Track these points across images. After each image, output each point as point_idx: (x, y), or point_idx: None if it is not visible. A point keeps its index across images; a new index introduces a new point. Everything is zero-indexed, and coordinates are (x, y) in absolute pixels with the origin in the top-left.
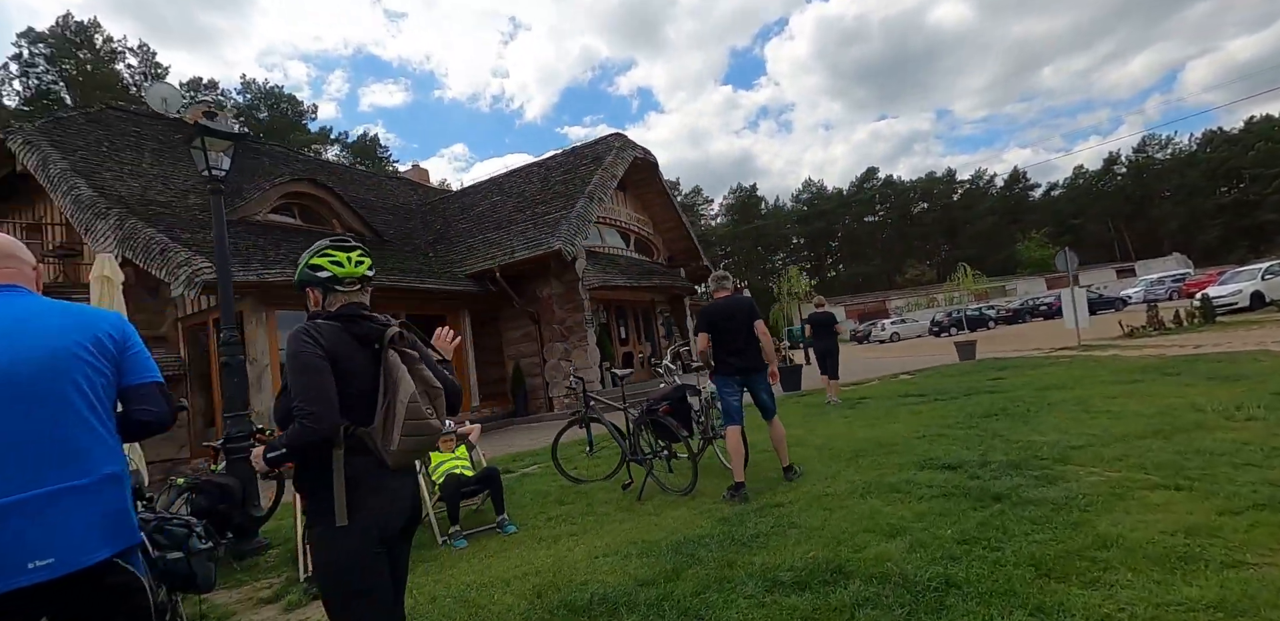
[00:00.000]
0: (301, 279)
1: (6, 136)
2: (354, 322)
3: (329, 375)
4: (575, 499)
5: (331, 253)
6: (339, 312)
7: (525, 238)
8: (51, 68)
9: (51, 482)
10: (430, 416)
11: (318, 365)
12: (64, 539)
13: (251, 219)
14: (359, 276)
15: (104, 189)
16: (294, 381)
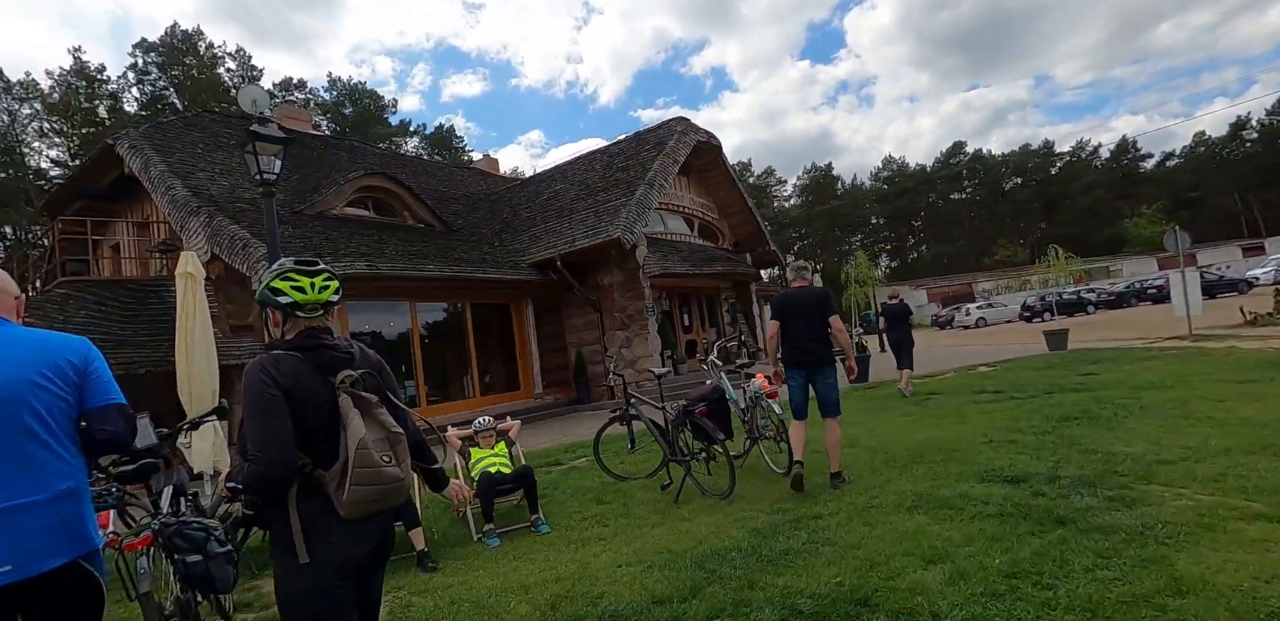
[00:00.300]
0: (261, 299)
1: (115, 141)
2: (315, 352)
3: (284, 416)
4: (614, 497)
5: (294, 276)
6: (298, 342)
7: (586, 226)
8: (163, 75)
9: (4, 500)
10: (386, 464)
11: (272, 406)
12: (20, 548)
13: (329, 213)
14: (322, 302)
15: (197, 188)
16: (248, 422)
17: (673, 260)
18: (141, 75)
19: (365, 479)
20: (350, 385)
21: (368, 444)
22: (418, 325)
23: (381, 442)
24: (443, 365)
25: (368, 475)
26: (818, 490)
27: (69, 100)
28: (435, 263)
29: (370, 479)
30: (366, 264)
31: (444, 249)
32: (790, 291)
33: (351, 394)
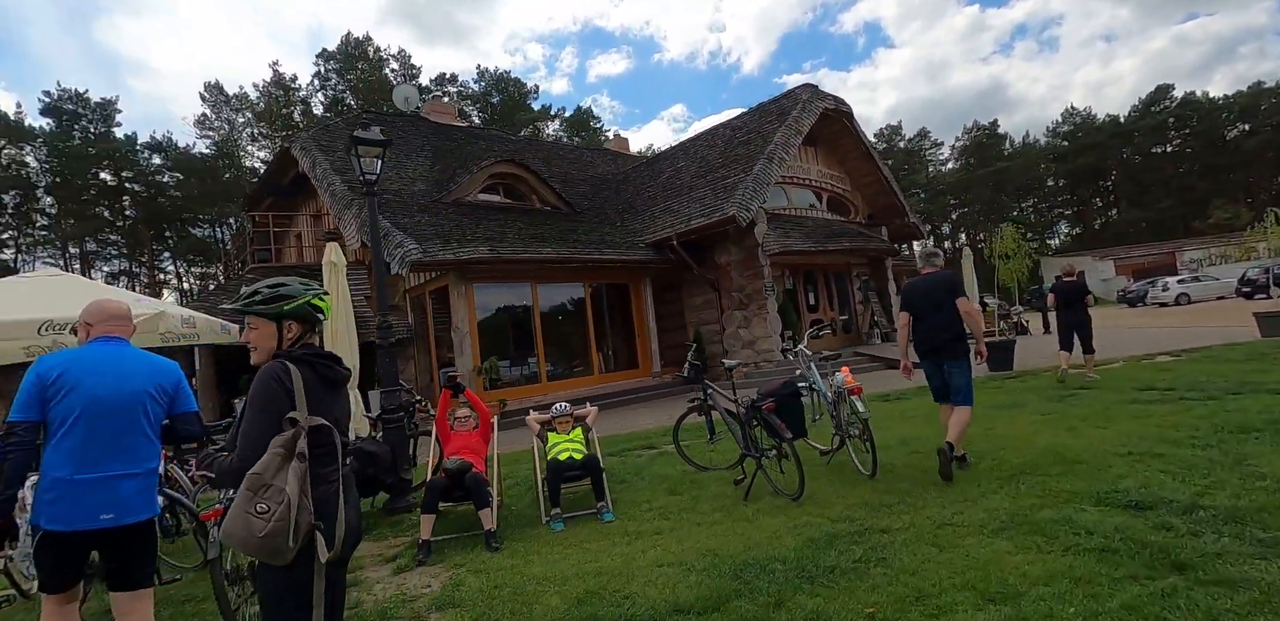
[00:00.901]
0: (298, 313)
1: (290, 144)
2: (328, 367)
3: (275, 427)
4: (688, 489)
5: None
6: (311, 354)
7: (703, 204)
8: (340, 79)
9: (118, 470)
10: (256, 515)
11: (267, 418)
12: (121, 504)
13: (464, 200)
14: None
15: (352, 183)
16: (248, 419)
17: (795, 237)
18: (324, 81)
19: (232, 522)
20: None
21: (254, 483)
22: (538, 305)
23: (258, 490)
24: (563, 343)
25: (235, 519)
26: (903, 496)
27: (271, 108)
28: (554, 245)
29: (238, 526)
30: (489, 248)
31: (565, 230)
32: (918, 280)
33: (295, 432)
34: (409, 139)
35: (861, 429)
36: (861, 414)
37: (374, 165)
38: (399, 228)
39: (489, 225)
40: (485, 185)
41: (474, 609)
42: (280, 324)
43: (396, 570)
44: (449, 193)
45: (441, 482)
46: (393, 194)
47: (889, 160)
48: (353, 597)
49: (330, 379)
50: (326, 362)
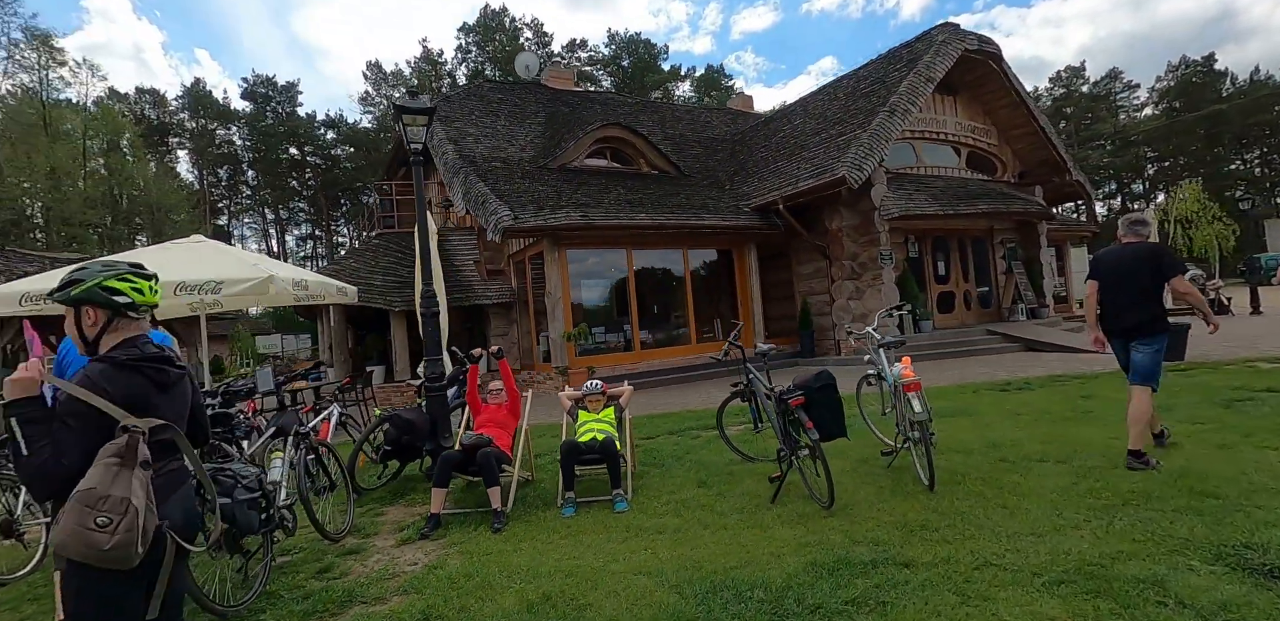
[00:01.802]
0: (90, 298)
1: None
2: (157, 370)
3: (82, 435)
4: (720, 481)
5: (133, 279)
6: (137, 359)
7: (812, 165)
8: (481, 52)
9: None
10: (97, 529)
11: (85, 425)
12: None
13: (570, 165)
14: (152, 305)
15: (464, 151)
16: (61, 431)
17: (921, 199)
18: (464, 54)
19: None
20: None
21: (89, 497)
22: (634, 271)
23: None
24: (659, 311)
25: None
26: (945, 521)
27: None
28: (651, 210)
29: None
30: (581, 214)
31: (666, 195)
32: (1113, 249)
33: (130, 440)
34: (524, 106)
35: (921, 431)
36: (916, 414)
37: (420, 134)
38: (497, 194)
39: (588, 191)
40: (592, 150)
41: (431, 598)
42: (78, 311)
43: (401, 541)
44: (554, 158)
45: (456, 456)
46: (501, 161)
47: (1067, 107)
48: (347, 565)
49: (160, 382)
50: (154, 366)
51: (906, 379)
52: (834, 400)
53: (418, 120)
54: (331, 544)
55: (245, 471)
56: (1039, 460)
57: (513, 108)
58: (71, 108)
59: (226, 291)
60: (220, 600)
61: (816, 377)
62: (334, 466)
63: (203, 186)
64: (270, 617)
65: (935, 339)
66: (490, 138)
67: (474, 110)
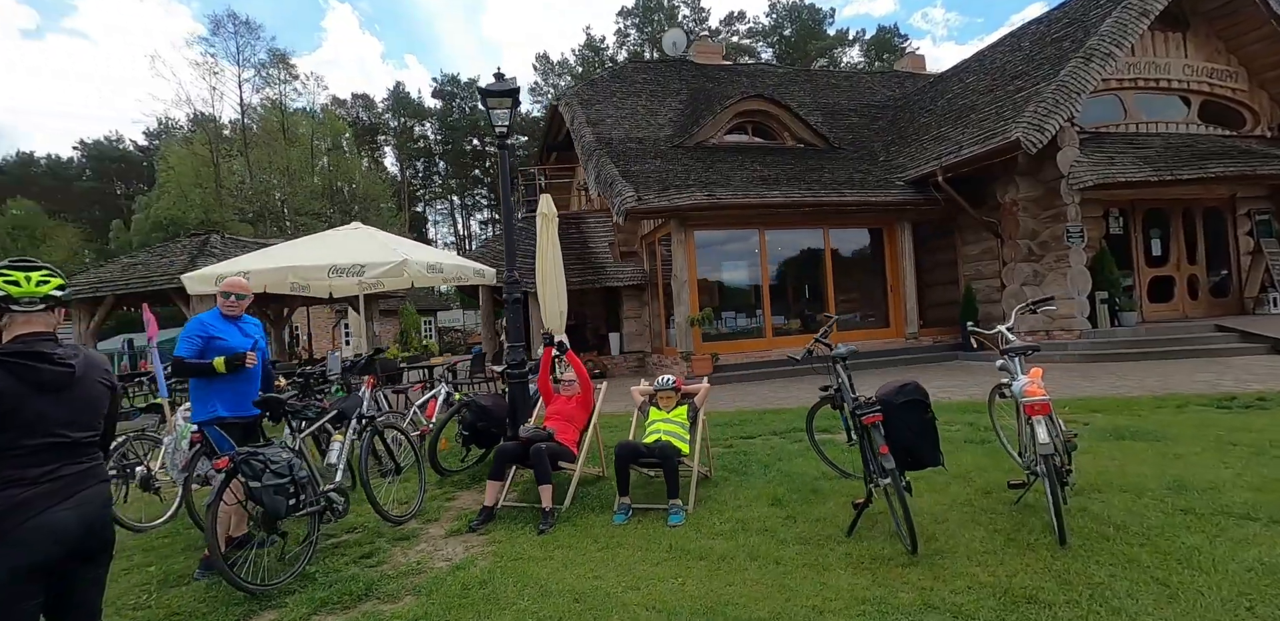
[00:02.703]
0: None
1: (558, 101)
2: (27, 368)
3: None
4: (798, 500)
5: (8, 272)
6: (12, 351)
7: (980, 128)
8: (640, 34)
9: (254, 394)
10: None
11: None
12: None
13: (707, 142)
14: (42, 296)
15: (601, 134)
16: None
17: (1127, 162)
18: (623, 38)
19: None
20: None
21: None
22: (766, 252)
23: None
24: (795, 295)
25: None
26: (1066, 594)
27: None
28: (787, 187)
29: None
30: (707, 193)
31: (809, 170)
32: None
33: None
34: (667, 84)
35: (1060, 461)
36: (1041, 446)
37: (504, 117)
38: (625, 176)
39: (721, 168)
40: (732, 125)
41: (433, 605)
42: None
43: (450, 532)
44: (690, 136)
45: (513, 448)
46: (637, 142)
47: None
48: (390, 552)
49: (33, 381)
50: (24, 363)
51: (1030, 397)
52: (921, 420)
53: (502, 103)
54: (393, 526)
55: (277, 457)
56: (1242, 517)
57: (654, 87)
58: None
59: (369, 273)
60: (255, 577)
61: (900, 390)
62: (408, 449)
63: (403, 177)
64: (292, 601)
65: (1140, 335)
66: (629, 119)
67: (615, 92)
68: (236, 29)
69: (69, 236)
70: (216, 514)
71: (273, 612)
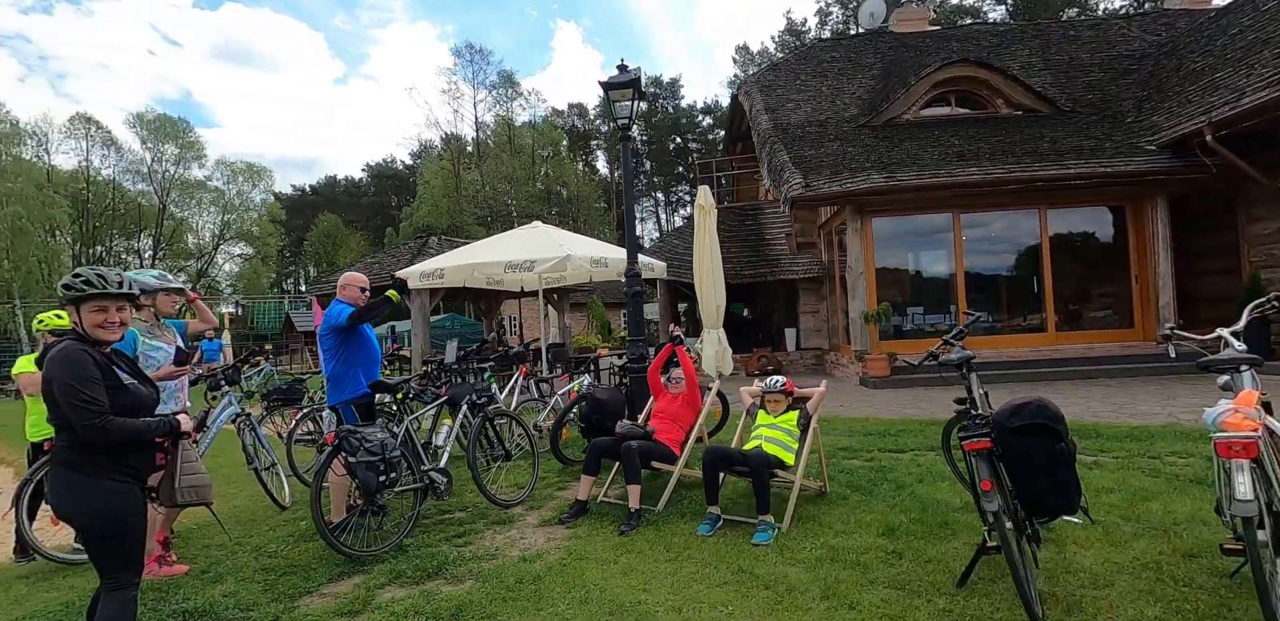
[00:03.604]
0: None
1: (738, 90)
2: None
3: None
4: (913, 533)
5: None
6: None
7: (1274, 66)
8: (843, 10)
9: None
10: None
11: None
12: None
13: (900, 120)
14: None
15: (779, 120)
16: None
17: None
18: (824, 17)
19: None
20: None
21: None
22: (961, 239)
23: None
24: (998, 287)
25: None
26: None
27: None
28: (989, 163)
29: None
30: (885, 176)
31: (1022, 141)
32: None
33: None
34: (859, 59)
35: (1247, 535)
36: (1237, 504)
37: (625, 109)
38: (796, 162)
39: (909, 147)
40: (930, 98)
41: (487, 594)
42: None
43: (541, 522)
44: (879, 114)
45: (607, 444)
46: (817, 125)
47: None
48: (481, 535)
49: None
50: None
51: (1227, 431)
52: (1046, 452)
53: (625, 94)
54: (500, 509)
55: (372, 436)
56: None
57: (843, 65)
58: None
59: (537, 268)
60: (356, 544)
61: (1017, 411)
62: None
63: (612, 178)
64: (378, 569)
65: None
66: (812, 101)
67: (799, 74)
68: (472, 57)
69: (357, 241)
70: (320, 484)
71: (359, 577)
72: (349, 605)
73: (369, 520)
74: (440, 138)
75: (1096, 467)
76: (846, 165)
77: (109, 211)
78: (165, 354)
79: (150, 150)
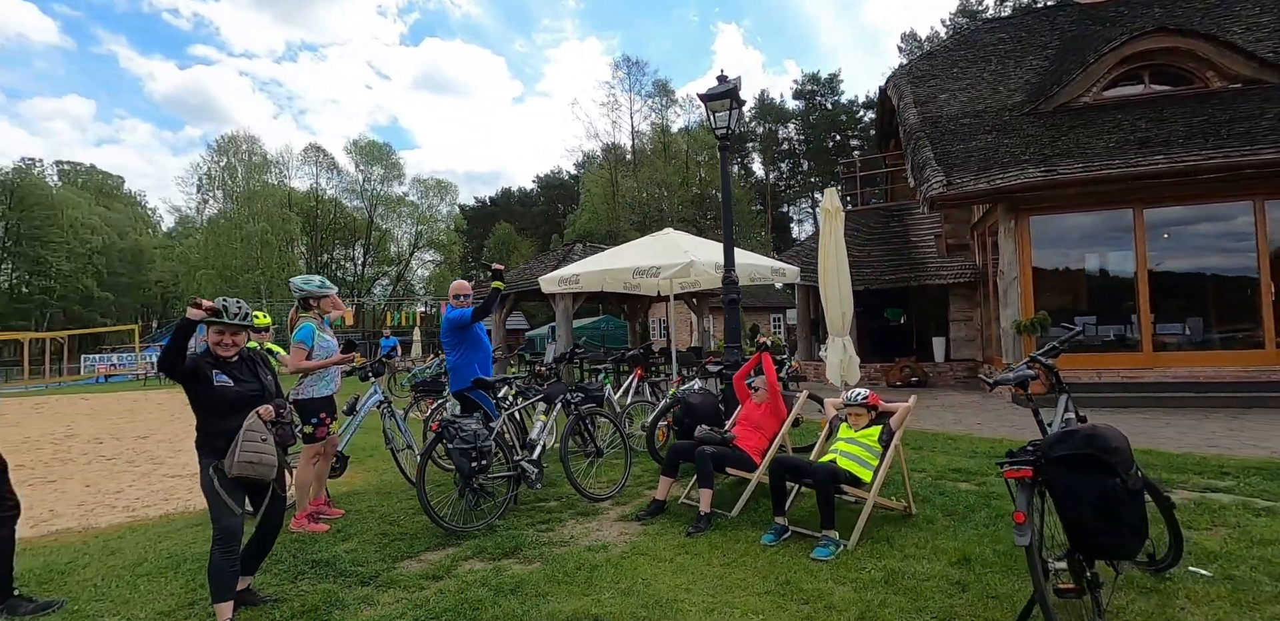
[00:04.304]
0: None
1: (886, 84)
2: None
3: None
4: (992, 565)
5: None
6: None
7: None
8: None
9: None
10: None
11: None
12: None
13: (1076, 103)
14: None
15: (929, 113)
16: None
17: None
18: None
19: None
20: None
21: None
22: (1142, 238)
23: None
24: (1196, 294)
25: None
26: None
27: None
28: (1180, 148)
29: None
30: (1042, 169)
31: (1233, 120)
32: None
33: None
34: (1031, 39)
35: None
36: None
37: (724, 119)
38: (941, 157)
39: (1079, 134)
40: (1116, 76)
41: (547, 575)
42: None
43: (621, 517)
44: (1048, 99)
45: (684, 447)
46: (974, 116)
47: None
48: (563, 523)
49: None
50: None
51: None
52: (1098, 486)
53: (723, 105)
54: (589, 502)
55: (467, 427)
56: None
57: (1010, 47)
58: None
59: (663, 274)
60: (453, 520)
61: (1063, 438)
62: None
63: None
64: (466, 544)
65: None
66: (970, 90)
67: (957, 62)
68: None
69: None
70: (424, 465)
71: (451, 548)
72: (435, 571)
73: (463, 499)
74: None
75: (1266, 515)
76: (998, 159)
77: (333, 225)
78: (333, 345)
79: (362, 172)
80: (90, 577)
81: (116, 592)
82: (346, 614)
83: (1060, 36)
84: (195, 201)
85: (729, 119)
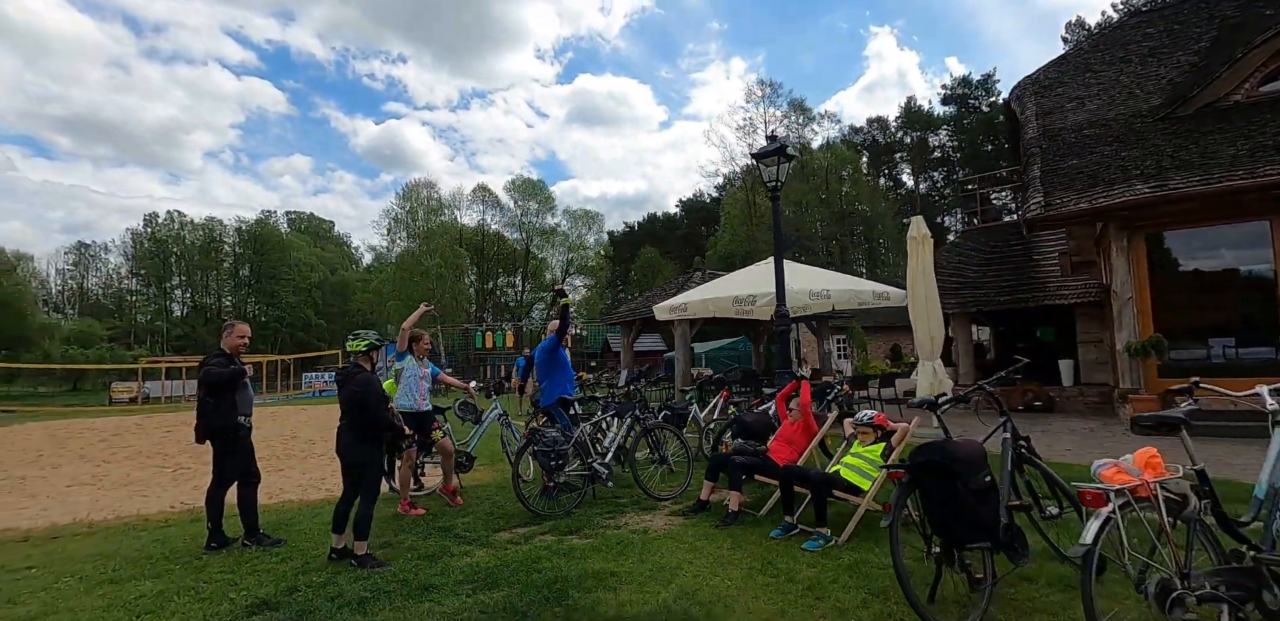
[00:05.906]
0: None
1: (1010, 97)
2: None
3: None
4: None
5: (350, 339)
6: (340, 368)
7: None
8: None
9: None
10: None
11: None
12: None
13: (1224, 103)
14: (357, 350)
15: (1051, 125)
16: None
17: None
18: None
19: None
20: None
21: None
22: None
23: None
24: None
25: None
26: None
27: None
28: None
29: None
30: (1152, 185)
31: None
32: None
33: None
34: (1181, 32)
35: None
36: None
37: (773, 173)
38: (1048, 175)
39: (1210, 141)
40: (1276, 67)
41: (593, 549)
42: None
43: (672, 512)
44: (1187, 101)
45: (721, 457)
46: (1101, 126)
47: None
48: (626, 515)
49: (339, 382)
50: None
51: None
52: (944, 487)
53: (774, 161)
54: (654, 500)
55: (548, 434)
56: None
57: (1156, 43)
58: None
59: (759, 302)
60: (538, 506)
61: (923, 449)
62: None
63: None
64: (546, 525)
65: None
66: (1102, 95)
67: (1091, 64)
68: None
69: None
70: (518, 463)
71: (534, 526)
72: (517, 539)
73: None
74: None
75: None
76: (1105, 176)
77: (496, 255)
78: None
79: (519, 206)
80: (303, 529)
81: (319, 538)
82: (452, 560)
83: (1218, 26)
84: (386, 241)
85: (780, 173)
